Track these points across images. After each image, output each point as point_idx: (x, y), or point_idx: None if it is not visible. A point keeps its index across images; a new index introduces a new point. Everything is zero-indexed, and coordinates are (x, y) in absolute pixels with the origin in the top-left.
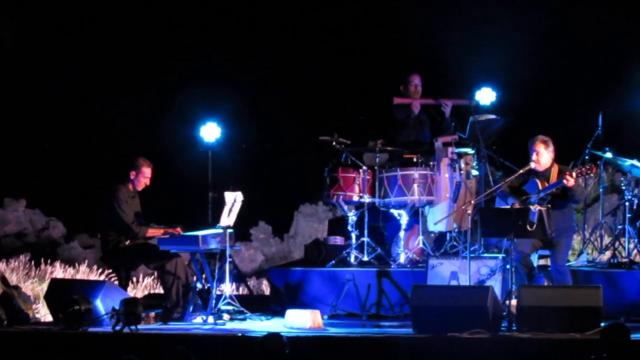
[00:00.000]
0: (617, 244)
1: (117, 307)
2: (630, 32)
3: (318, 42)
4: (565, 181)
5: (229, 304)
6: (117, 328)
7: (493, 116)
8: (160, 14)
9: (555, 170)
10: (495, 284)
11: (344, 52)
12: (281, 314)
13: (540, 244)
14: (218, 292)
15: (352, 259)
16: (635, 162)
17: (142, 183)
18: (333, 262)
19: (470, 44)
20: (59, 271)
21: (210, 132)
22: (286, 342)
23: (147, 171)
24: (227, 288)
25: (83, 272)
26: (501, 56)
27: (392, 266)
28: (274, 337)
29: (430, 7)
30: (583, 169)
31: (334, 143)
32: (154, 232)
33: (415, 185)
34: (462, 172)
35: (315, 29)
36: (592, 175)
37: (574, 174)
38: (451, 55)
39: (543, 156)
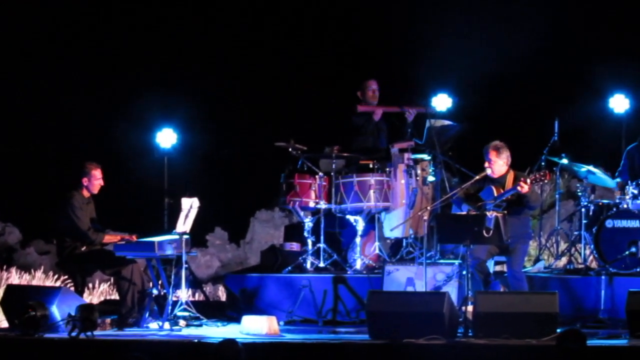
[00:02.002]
0: (573, 250)
1: (73, 313)
2: (586, 39)
3: (274, 48)
4: (519, 187)
5: (185, 310)
6: (73, 334)
7: (449, 122)
8: (115, 19)
9: (510, 176)
10: (452, 290)
11: (300, 59)
12: (237, 320)
13: (496, 250)
14: (174, 298)
15: (308, 265)
16: (591, 168)
17: (96, 186)
18: (289, 268)
19: (427, 50)
20: (15, 277)
21: (167, 138)
22: (242, 348)
23: (97, 173)
24: (183, 294)
25: (39, 278)
26: (457, 62)
27: (348, 272)
28: (229, 343)
29: (386, 13)
30: (537, 176)
31: (290, 149)
32: (111, 239)
33: (371, 192)
34: (418, 178)
35: (271, 36)
36: (546, 181)
37: (528, 181)
38: (407, 61)
39: (497, 163)
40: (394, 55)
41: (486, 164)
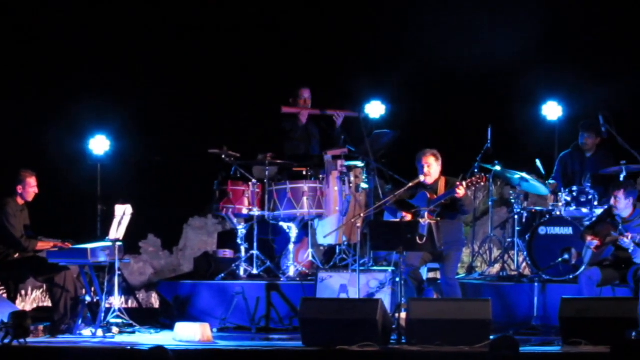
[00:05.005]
0: (506, 257)
1: (5, 320)
2: (519, 46)
3: (208, 55)
4: (457, 190)
5: (118, 317)
6: (6, 341)
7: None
8: (46, 24)
9: (442, 182)
10: (385, 297)
11: (233, 65)
12: (170, 327)
13: (430, 257)
14: (107, 305)
15: (242, 272)
16: (524, 175)
17: (30, 194)
18: (222, 275)
19: (360, 57)
20: None
21: (99, 144)
22: (172, 356)
23: (31, 181)
24: (116, 301)
25: None
26: (391, 69)
27: (282, 279)
28: (158, 350)
29: (319, 20)
30: (473, 179)
31: (223, 156)
32: (44, 246)
33: (304, 199)
34: (351, 185)
35: (205, 42)
36: (482, 185)
37: (464, 184)
38: (341, 68)
39: (433, 168)
40: (328, 63)
41: (425, 170)
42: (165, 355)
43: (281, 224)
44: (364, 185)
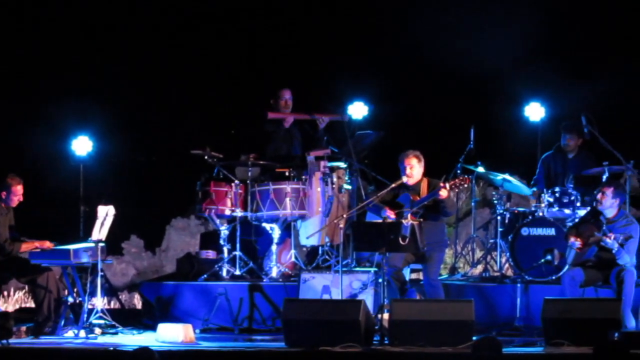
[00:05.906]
0: (488, 257)
1: None
2: (504, 48)
3: (189, 56)
4: (441, 192)
5: (100, 318)
6: None
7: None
8: (27, 25)
9: (424, 183)
10: (368, 298)
11: (215, 66)
12: (153, 328)
13: (412, 258)
14: (90, 306)
15: (224, 273)
16: (506, 176)
17: (14, 201)
18: (205, 276)
19: (343, 58)
20: None
21: (82, 145)
22: (157, 357)
23: (17, 189)
24: (99, 302)
25: None
26: (373, 70)
27: (264, 280)
28: (144, 351)
29: (300, 21)
30: (457, 181)
31: (206, 157)
32: (27, 247)
33: (287, 199)
34: (334, 186)
35: (188, 42)
36: (465, 186)
37: (447, 186)
38: (323, 69)
39: (415, 169)
40: (311, 64)
41: (407, 171)
42: (152, 356)
43: (264, 224)
44: (346, 186)
